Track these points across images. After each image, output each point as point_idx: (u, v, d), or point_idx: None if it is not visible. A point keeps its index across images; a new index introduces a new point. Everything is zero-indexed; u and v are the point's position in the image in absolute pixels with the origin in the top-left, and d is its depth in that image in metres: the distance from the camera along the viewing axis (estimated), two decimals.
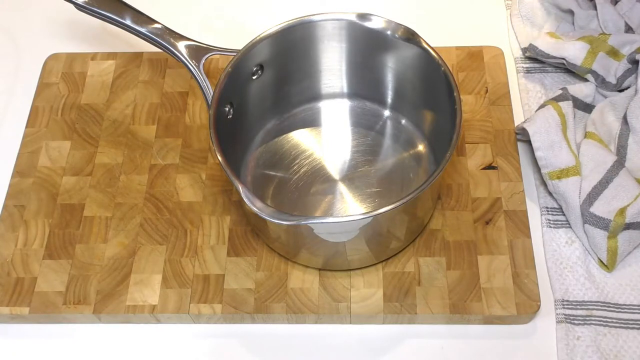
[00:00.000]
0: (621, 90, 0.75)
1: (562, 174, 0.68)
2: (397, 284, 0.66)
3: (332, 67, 0.73)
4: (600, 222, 0.65)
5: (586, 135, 0.71)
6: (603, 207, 0.66)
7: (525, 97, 0.78)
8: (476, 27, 0.84)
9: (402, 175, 0.71)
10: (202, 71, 0.66)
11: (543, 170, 0.69)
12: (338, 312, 0.65)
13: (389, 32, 0.67)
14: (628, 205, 0.65)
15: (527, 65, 0.80)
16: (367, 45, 0.70)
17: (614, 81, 0.74)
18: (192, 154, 0.74)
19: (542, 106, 0.71)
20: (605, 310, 0.65)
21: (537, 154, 0.69)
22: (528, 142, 0.72)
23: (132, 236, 0.69)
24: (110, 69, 0.81)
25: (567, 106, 0.71)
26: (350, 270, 0.67)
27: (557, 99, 0.72)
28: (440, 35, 0.80)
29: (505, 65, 0.79)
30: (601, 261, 0.67)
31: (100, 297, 0.66)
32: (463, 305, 0.64)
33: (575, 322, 0.64)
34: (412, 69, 0.69)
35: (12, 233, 0.70)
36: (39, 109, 0.78)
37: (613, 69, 0.74)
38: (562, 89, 0.73)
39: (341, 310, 0.65)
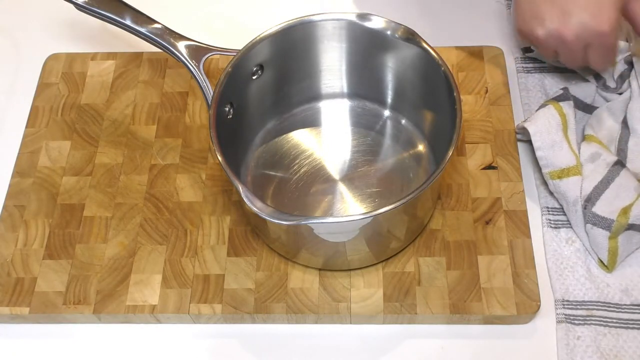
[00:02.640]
0: (620, 94, 0.74)
1: (563, 173, 0.68)
2: (397, 284, 0.66)
3: (332, 67, 0.73)
4: (603, 222, 0.65)
5: (585, 138, 0.71)
6: (605, 207, 0.66)
7: (525, 97, 0.78)
8: (476, 27, 0.84)
9: (402, 175, 0.71)
10: (202, 71, 0.66)
11: (544, 170, 0.69)
12: (338, 312, 0.65)
13: (389, 32, 0.67)
14: (631, 205, 0.65)
15: (527, 65, 0.80)
16: (367, 45, 0.70)
17: (613, 85, 0.74)
18: (192, 154, 0.74)
19: (542, 106, 0.71)
20: (605, 310, 0.65)
21: (538, 153, 0.69)
22: (528, 142, 0.72)
23: (132, 236, 0.69)
24: (110, 69, 0.81)
25: (567, 106, 0.71)
26: (350, 270, 0.66)
27: (558, 98, 0.71)
28: (440, 35, 0.80)
29: (505, 65, 0.79)
30: (601, 261, 0.67)
31: (100, 297, 0.66)
32: (463, 305, 0.64)
33: (576, 322, 0.64)
34: (412, 69, 0.69)
35: (12, 233, 0.70)
36: (39, 109, 0.78)
37: (612, 71, 0.74)
38: (562, 88, 0.73)
39: (341, 310, 0.65)
